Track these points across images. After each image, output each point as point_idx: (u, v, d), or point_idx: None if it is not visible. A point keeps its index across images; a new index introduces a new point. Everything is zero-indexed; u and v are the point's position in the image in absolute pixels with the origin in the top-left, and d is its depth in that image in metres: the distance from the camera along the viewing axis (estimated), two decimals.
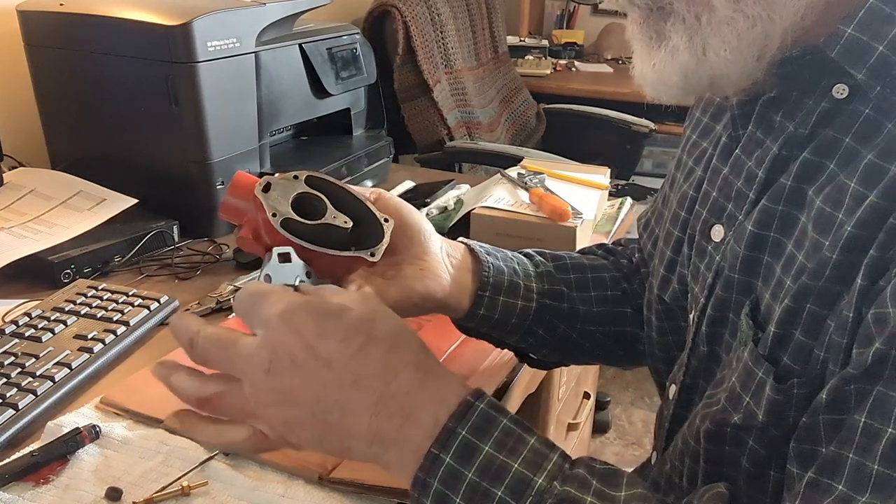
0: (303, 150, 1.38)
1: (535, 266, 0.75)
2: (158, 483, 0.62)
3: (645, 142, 2.43)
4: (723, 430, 0.53)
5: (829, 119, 0.51)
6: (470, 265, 0.70)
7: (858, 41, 0.48)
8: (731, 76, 0.51)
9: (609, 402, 2.27)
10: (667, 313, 0.68)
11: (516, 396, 0.86)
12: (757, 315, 0.53)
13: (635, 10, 0.53)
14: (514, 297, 0.71)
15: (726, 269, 0.56)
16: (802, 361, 0.49)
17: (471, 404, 0.46)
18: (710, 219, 0.60)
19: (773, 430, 0.50)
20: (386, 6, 1.92)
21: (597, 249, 0.84)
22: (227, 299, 0.93)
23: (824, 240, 0.48)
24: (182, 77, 1.03)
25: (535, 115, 2.58)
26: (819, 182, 0.50)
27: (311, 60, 1.27)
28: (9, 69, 1.22)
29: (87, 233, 1.01)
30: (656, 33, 0.53)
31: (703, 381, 0.61)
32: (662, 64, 0.53)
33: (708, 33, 0.50)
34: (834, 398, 0.44)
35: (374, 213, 0.61)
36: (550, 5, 3.40)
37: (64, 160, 1.20)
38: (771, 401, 0.49)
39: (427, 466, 0.45)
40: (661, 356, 0.70)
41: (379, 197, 0.65)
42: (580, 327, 0.75)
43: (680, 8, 0.51)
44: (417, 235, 0.66)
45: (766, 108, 0.55)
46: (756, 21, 0.49)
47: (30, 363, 0.75)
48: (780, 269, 0.52)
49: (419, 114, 1.99)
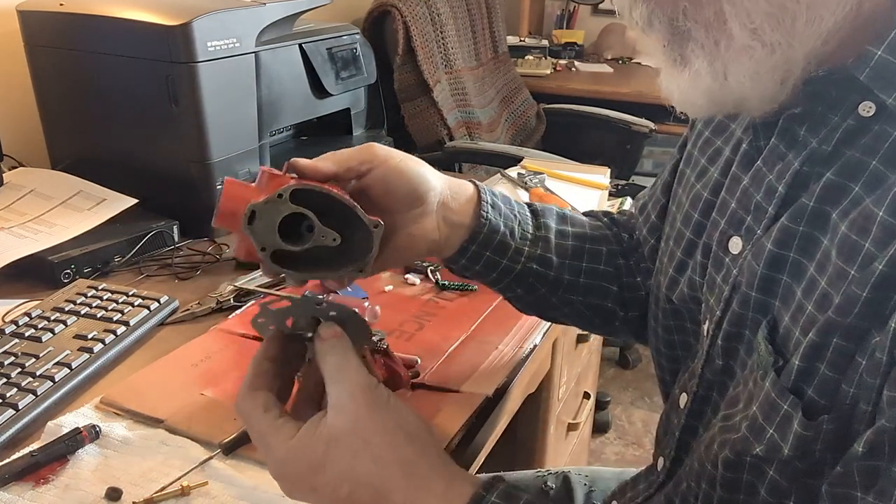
0: (303, 150, 1.38)
1: (536, 228, 0.73)
2: (158, 483, 0.62)
3: (645, 142, 2.43)
4: (742, 459, 0.52)
5: (854, 137, 0.49)
6: (470, 213, 0.69)
7: (888, 63, 0.47)
8: (753, 100, 0.51)
9: (609, 402, 2.27)
10: (674, 313, 0.67)
11: (516, 396, 0.86)
12: (775, 337, 0.52)
13: (655, 34, 0.53)
14: (500, 256, 0.71)
15: (743, 285, 0.55)
16: (829, 396, 0.47)
17: None
18: (728, 230, 0.59)
19: (797, 464, 0.49)
20: (386, 6, 1.92)
21: (603, 217, 0.82)
22: (227, 299, 0.93)
23: (850, 269, 0.46)
24: (182, 77, 1.03)
25: (535, 115, 2.58)
26: (843, 206, 0.49)
27: (311, 60, 1.27)
28: (9, 69, 1.22)
29: (87, 233, 1.01)
30: (680, 56, 0.52)
31: (716, 395, 0.60)
32: (687, 86, 0.52)
33: (728, 59, 0.49)
34: (870, 449, 0.44)
35: (362, 219, 0.59)
36: (550, 5, 3.40)
37: (64, 160, 1.20)
38: (799, 436, 0.48)
39: None
40: (666, 353, 0.70)
41: (370, 151, 0.63)
42: (561, 294, 0.75)
43: (699, 34, 0.50)
44: (413, 190, 0.64)
45: (790, 122, 0.53)
46: (775, 48, 0.48)
47: (30, 363, 0.75)
48: (801, 293, 0.50)
49: (419, 114, 1.99)
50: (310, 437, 0.52)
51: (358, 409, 0.52)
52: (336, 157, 0.62)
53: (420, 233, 0.66)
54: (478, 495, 0.51)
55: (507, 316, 0.91)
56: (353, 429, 0.52)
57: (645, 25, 0.52)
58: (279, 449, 0.52)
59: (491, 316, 0.92)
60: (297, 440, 0.52)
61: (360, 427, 0.52)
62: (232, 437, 0.66)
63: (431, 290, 0.99)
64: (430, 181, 0.66)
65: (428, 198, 0.65)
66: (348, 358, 0.54)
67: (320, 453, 0.52)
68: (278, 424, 0.53)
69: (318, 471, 0.52)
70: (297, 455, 0.52)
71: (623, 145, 2.39)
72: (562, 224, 0.76)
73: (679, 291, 0.66)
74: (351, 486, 0.52)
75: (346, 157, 0.62)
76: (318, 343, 0.55)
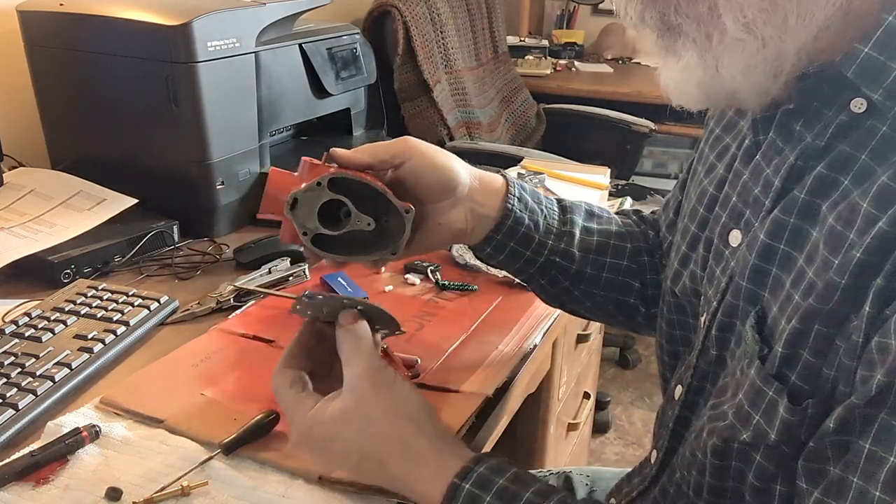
0: (303, 150, 1.37)
1: (562, 223, 0.76)
2: (158, 483, 0.62)
3: (645, 142, 2.43)
4: (730, 445, 0.53)
5: (846, 132, 0.50)
6: (497, 205, 0.72)
7: (875, 61, 0.48)
8: (746, 93, 0.52)
9: (609, 402, 2.27)
10: (677, 307, 0.68)
11: (516, 396, 0.86)
12: (763, 327, 0.53)
13: (647, 29, 0.54)
14: (524, 248, 0.74)
15: (737, 276, 0.57)
16: (812, 381, 0.49)
17: (457, 486, 0.55)
18: (728, 223, 0.61)
19: (783, 448, 0.50)
20: (386, 6, 1.92)
21: (632, 214, 0.85)
22: (227, 299, 0.93)
23: (834, 259, 0.48)
24: (182, 77, 1.03)
25: (535, 115, 2.58)
26: (833, 198, 0.50)
27: (311, 60, 1.27)
28: (9, 69, 1.22)
29: (87, 233, 1.01)
30: (672, 49, 0.54)
31: (709, 385, 0.61)
32: (680, 77, 0.54)
33: (720, 52, 0.51)
34: (841, 424, 0.45)
35: (395, 205, 0.64)
36: (550, 5, 3.40)
37: (64, 160, 1.20)
38: (785, 421, 0.49)
39: None
40: (668, 348, 0.71)
41: (404, 144, 0.68)
42: (584, 288, 0.78)
43: (690, 29, 0.52)
44: (443, 183, 0.69)
45: (787, 117, 0.55)
46: (767, 42, 0.49)
47: (30, 363, 0.75)
48: (790, 284, 0.52)
49: (419, 114, 1.99)
50: (324, 412, 0.59)
51: (364, 389, 0.59)
52: (372, 149, 0.67)
53: (448, 222, 0.70)
54: (466, 468, 0.56)
55: (507, 316, 0.92)
56: (359, 407, 0.58)
57: (637, 21, 0.54)
58: (300, 420, 0.60)
59: (491, 316, 0.92)
60: (314, 413, 0.59)
61: (365, 406, 0.58)
62: (232, 437, 0.66)
63: (431, 290, 0.99)
64: (460, 175, 0.70)
65: (457, 190, 0.70)
66: (361, 344, 0.60)
67: (332, 427, 0.59)
68: (300, 399, 0.60)
69: (331, 441, 0.59)
70: (314, 426, 0.59)
71: (623, 145, 2.39)
72: (589, 220, 0.78)
73: (682, 284, 0.67)
74: (357, 456, 0.59)
75: (381, 149, 0.67)
76: (337, 330, 0.62)
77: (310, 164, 0.64)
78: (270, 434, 0.67)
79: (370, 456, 0.58)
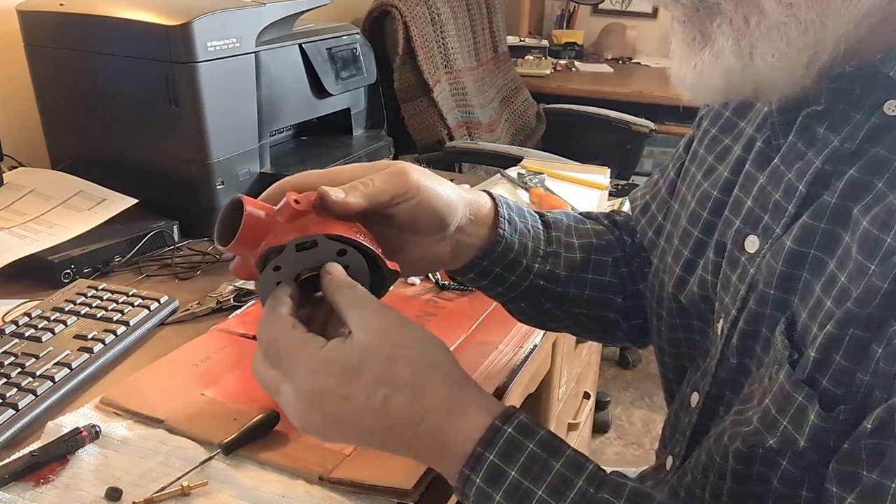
0: (303, 150, 1.38)
1: (548, 243, 0.72)
2: (158, 483, 0.62)
3: (645, 142, 2.43)
4: (755, 451, 0.52)
5: (879, 135, 0.49)
6: (484, 234, 0.67)
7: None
8: (777, 83, 0.49)
9: (609, 402, 2.27)
10: (680, 312, 0.67)
11: (516, 396, 0.86)
12: (793, 333, 0.52)
13: (678, 8, 0.51)
14: (510, 273, 0.70)
15: (761, 284, 0.55)
16: (844, 385, 0.47)
17: (498, 428, 0.51)
18: (743, 228, 0.58)
19: (812, 455, 0.49)
20: (386, 6, 1.92)
21: (604, 220, 0.81)
22: (227, 299, 0.93)
23: (870, 263, 0.46)
24: (182, 77, 1.03)
25: (535, 115, 2.59)
26: (866, 201, 0.48)
27: (311, 60, 1.27)
28: (9, 69, 1.22)
29: (87, 233, 1.01)
30: (700, 34, 0.50)
31: (730, 393, 0.59)
32: (705, 66, 0.50)
33: (756, 37, 0.48)
34: (879, 426, 0.44)
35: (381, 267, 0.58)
36: (550, 5, 3.40)
37: (64, 160, 1.20)
38: (816, 427, 0.48)
39: (460, 488, 0.51)
40: (671, 351, 0.69)
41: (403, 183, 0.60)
42: (566, 308, 0.75)
43: (728, 8, 0.48)
44: (437, 223, 0.63)
45: (809, 119, 0.53)
46: (808, 27, 0.46)
47: (30, 363, 0.75)
48: (820, 289, 0.50)
49: (419, 114, 1.99)
50: (342, 346, 0.51)
51: (386, 321, 0.53)
52: (368, 191, 0.58)
53: (431, 255, 0.65)
54: (509, 410, 0.52)
55: (507, 316, 0.91)
56: (385, 337, 0.52)
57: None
58: (313, 358, 0.51)
59: (491, 316, 0.92)
60: (330, 348, 0.51)
61: (391, 335, 0.52)
62: (232, 437, 0.66)
63: (431, 290, 0.99)
64: (457, 213, 0.64)
65: (449, 228, 0.64)
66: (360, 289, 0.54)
67: (355, 360, 0.51)
68: (308, 337, 0.52)
69: (353, 376, 0.51)
70: (331, 362, 0.51)
71: (623, 145, 2.39)
72: (569, 236, 0.75)
73: (688, 291, 0.65)
74: (387, 389, 0.51)
75: (377, 191, 0.59)
76: (326, 280, 0.55)
77: (292, 210, 0.54)
78: (270, 434, 0.67)
79: (403, 385, 0.51)
